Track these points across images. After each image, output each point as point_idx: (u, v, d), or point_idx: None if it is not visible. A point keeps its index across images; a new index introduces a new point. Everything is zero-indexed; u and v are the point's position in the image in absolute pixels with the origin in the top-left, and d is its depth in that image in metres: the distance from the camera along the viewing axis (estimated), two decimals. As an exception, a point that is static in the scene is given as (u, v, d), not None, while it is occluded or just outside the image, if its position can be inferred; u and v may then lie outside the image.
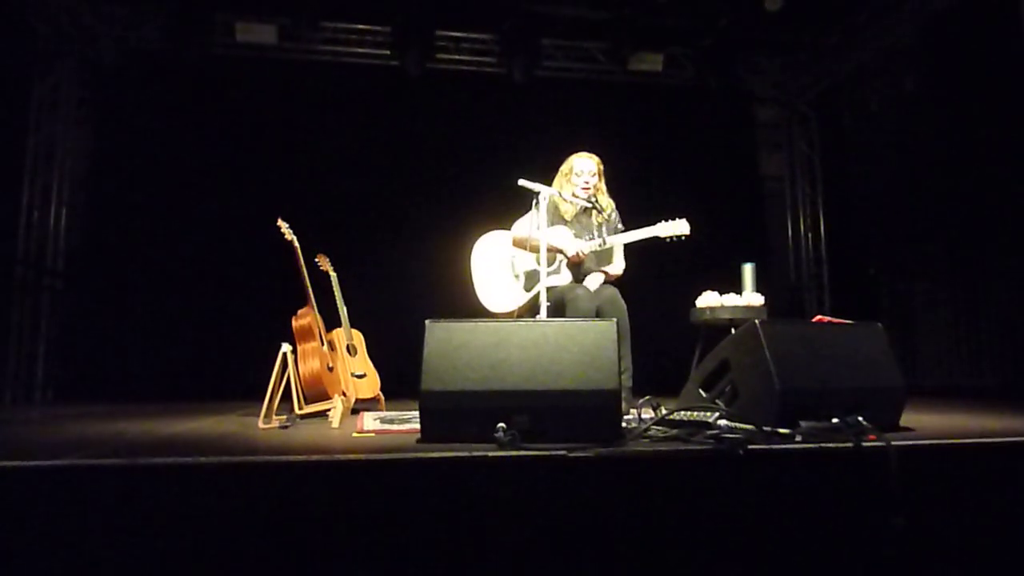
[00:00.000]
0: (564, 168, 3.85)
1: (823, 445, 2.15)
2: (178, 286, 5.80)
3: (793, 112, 7.55)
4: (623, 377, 3.05)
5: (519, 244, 3.80)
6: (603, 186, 3.85)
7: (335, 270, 4.28)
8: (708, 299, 4.42)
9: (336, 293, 4.21)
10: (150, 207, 5.92)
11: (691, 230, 3.60)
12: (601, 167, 3.84)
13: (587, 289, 3.59)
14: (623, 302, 3.62)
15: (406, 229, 6.14)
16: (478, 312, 3.83)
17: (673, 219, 3.60)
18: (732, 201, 6.71)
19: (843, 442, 2.14)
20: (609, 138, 4.37)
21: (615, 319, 2.46)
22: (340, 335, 4.22)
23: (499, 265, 3.92)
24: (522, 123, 6.21)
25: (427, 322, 2.40)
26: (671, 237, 3.60)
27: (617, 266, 3.81)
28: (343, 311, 4.22)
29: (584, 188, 3.75)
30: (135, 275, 5.85)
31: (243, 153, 6.06)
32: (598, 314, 3.55)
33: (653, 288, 5.58)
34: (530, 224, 3.41)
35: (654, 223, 3.64)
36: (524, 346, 2.36)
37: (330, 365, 3.78)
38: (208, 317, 5.81)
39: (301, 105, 6.17)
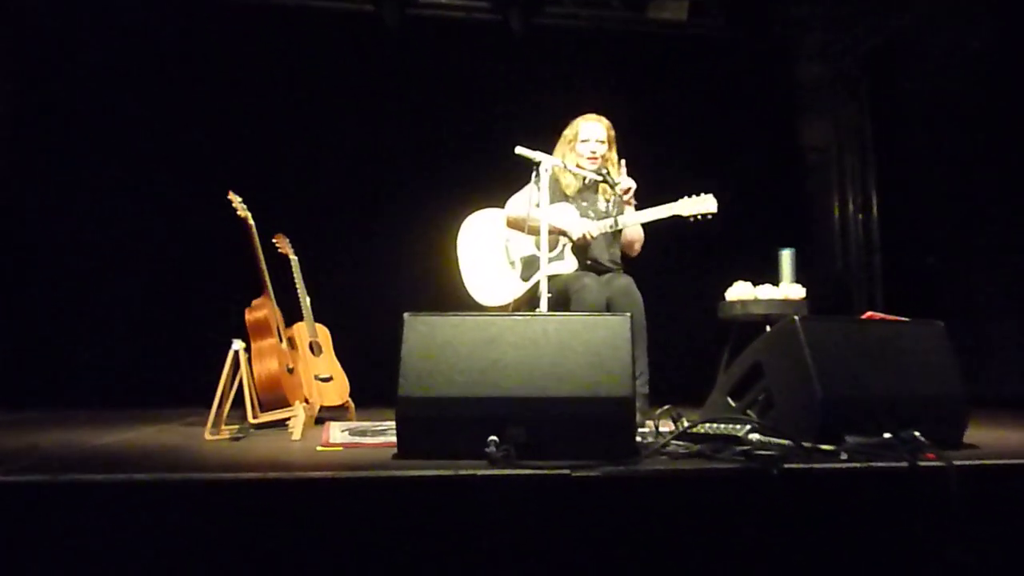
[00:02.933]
0: (568, 133, 3.86)
1: (872, 464, 2.17)
2: (110, 273, 5.74)
3: (840, 72, 7.54)
4: (638, 383, 3.06)
5: (515, 225, 3.82)
6: (614, 156, 3.86)
7: (296, 253, 4.31)
8: (739, 291, 4.45)
9: (297, 281, 4.24)
10: (71, 178, 5.83)
11: (719, 208, 3.60)
12: (612, 133, 3.85)
13: (595, 278, 3.63)
14: (638, 293, 3.63)
15: (381, 206, 6.11)
16: (466, 305, 3.85)
17: (697, 195, 3.61)
18: (768, 175, 6.70)
19: (896, 461, 2.16)
20: (622, 99, 4.38)
21: (629, 313, 2.48)
22: (302, 330, 4.26)
23: (491, 250, 3.96)
24: (519, 81, 6.18)
25: (405, 315, 2.43)
26: (695, 216, 3.60)
27: (635, 230, 3.86)
28: (305, 302, 4.26)
29: (592, 158, 3.76)
30: (57, 261, 5.78)
31: (188, 115, 5.96)
32: (609, 307, 3.57)
33: (674, 277, 5.63)
34: (528, 200, 3.42)
35: (675, 200, 3.65)
36: (521, 344, 2.40)
37: (290, 366, 3.81)
38: (145, 309, 5.79)
39: (258, 58, 6.06)
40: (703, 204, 3.62)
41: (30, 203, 5.75)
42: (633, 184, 3.70)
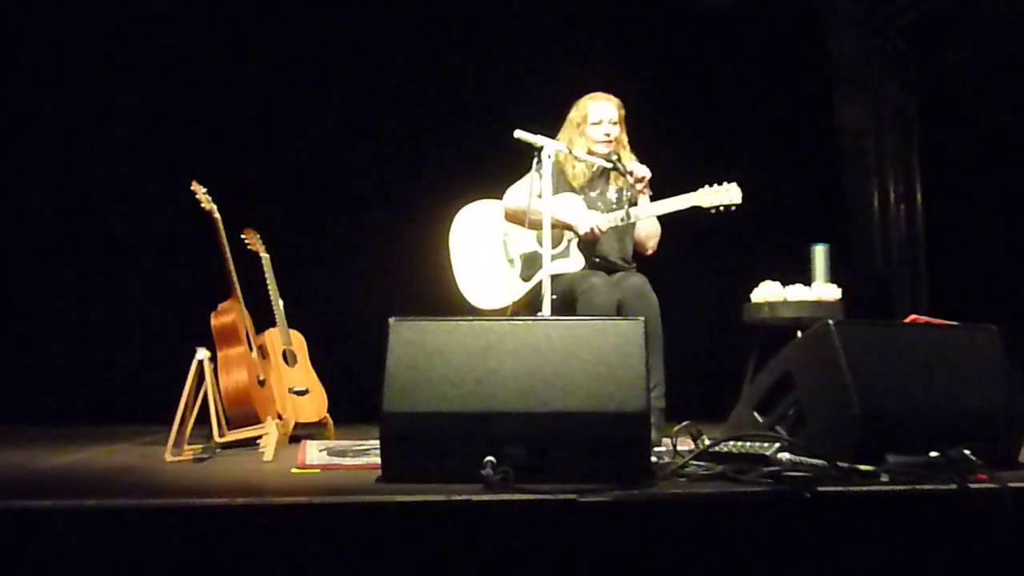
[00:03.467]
0: (574, 115, 3.87)
1: (917, 487, 2.16)
2: (61, 275, 5.71)
3: (880, 45, 7.50)
4: (653, 395, 3.07)
5: (514, 218, 3.84)
6: (625, 138, 3.89)
7: (268, 250, 4.31)
8: (766, 291, 4.46)
9: (269, 281, 4.25)
10: (10, 171, 5.77)
11: (743, 198, 3.61)
12: (623, 112, 3.87)
13: (605, 278, 3.64)
14: (654, 295, 3.65)
15: (364, 196, 6.02)
16: (459, 308, 3.85)
17: (719, 184, 3.61)
18: (798, 162, 6.64)
19: (943, 483, 2.15)
20: (634, 76, 4.42)
21: (643, 317, 2.48)
22: (274, 337, 4.27)
23: (488, 246, 3.99)
24: (519, 56, 6.14)
25: (391, 320, 2.42)
26: (717, 208, 3.60)
27: (650, 224, 3.87)
28: (278, 306, 4.26)
29: (605, 140, 3.79)
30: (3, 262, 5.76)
31: (144, 95, 5.90)
32: (620, 311, 3.59)
33: (693, 277, 5.60)
34: (529, 190, 3.42)
35: (694, 189, 3.65)
36: (521, 353, 2.40)
37: (261, 378, 3.82)
38: (98, 314, 5.74)
39: (219, 29, 5.97)
40: (726, 194, 3.60)
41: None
42: (647, 172, 3.71)
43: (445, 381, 2.37)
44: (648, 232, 3.95)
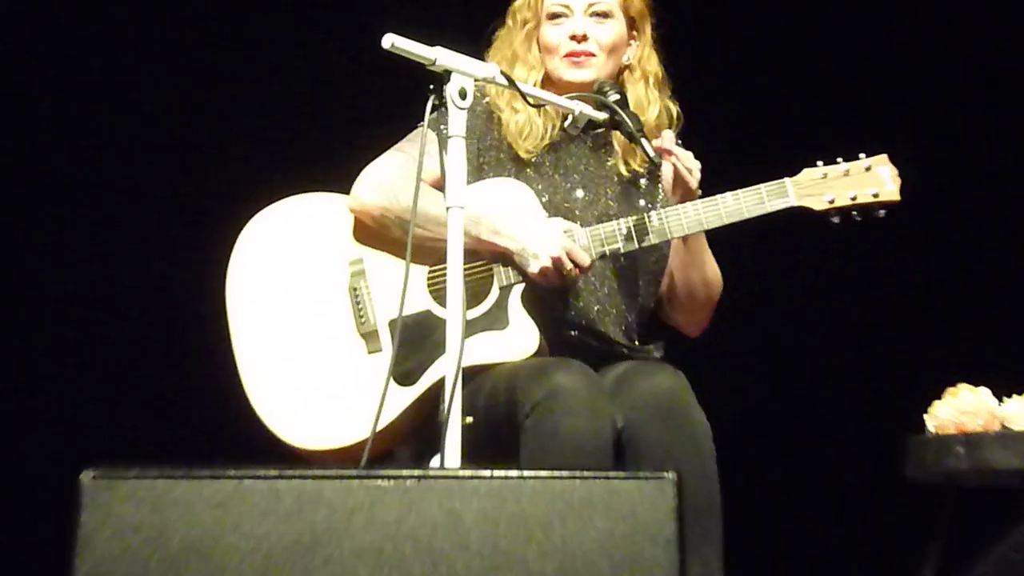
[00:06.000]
0: (520, 4, 2.74)
1: None
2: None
3: None
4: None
5: (378, 221, 2.68)
6: (649, 57, 2.70)
7: None
8: (959, 409, 2.90)
9: None
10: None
11: (906, 189, 2.53)
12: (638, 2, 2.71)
13: (587, 374, 2.46)
14: (700, 412, 2.45)
15: (51, 199, 4.20)
16: (255, 443, 2.58)
17: (849, 159, 2.52)
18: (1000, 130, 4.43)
19: None
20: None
21: (673, 472, 1.68)
22: None
23: (313, 295, 2.72)
24: None
25: (83, 476, 1.73)
26: (851, 208, 2.50)
27: (698, 259, 2.77)
28: None
29: (575, 61, 2.65)
30: None
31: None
32: (625, 449, 2.41)
33: (791, 371, 3.96)
34: (416, 167, 2.16)
35: (793, 173, 2.53)
36: (397, 549, 1.65)
37: None
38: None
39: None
40: (864, 182, 2.49)
41: None
42: (694, 163, 2.57)
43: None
44: (694, 276, 2.73)
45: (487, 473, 1.69)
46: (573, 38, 2.56)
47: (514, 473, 1.72)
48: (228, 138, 3.83)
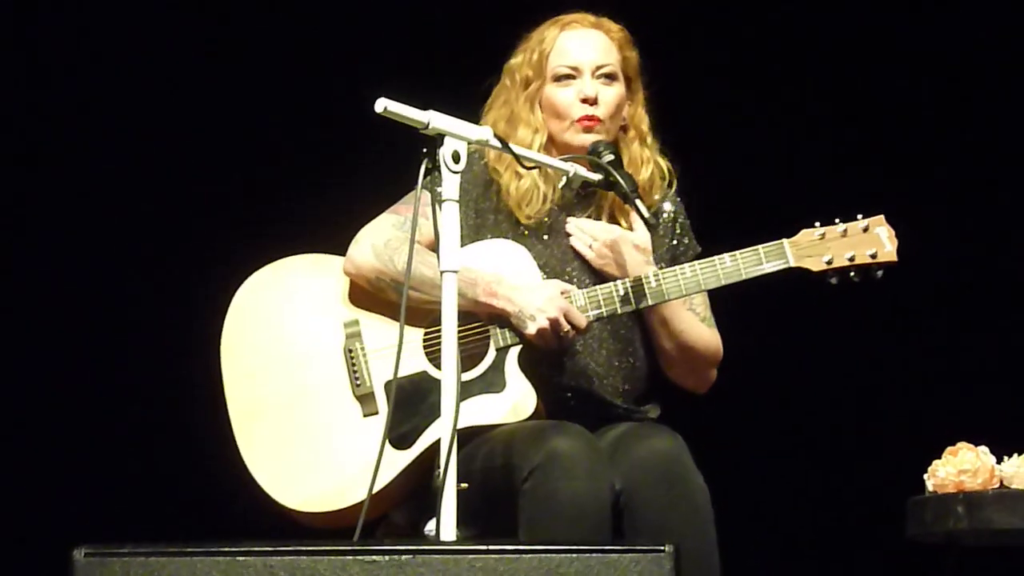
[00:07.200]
0: (520, 63, 2.71)
1: None
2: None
3: None
4: None
5: (373, 284, 2.68)
6: (642, 118, 2.71)
7: None
8: (958, 467, 2.90)
9: None
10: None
11: (902, 250, 2.58)
12: (633, 56, 2.69)
13: (585, 437, 2.45)
14: (699, 477, 2.46)
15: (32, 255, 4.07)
16: (255, 502, 2.60)
17: (847, 221, 2.57)
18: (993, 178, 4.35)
19: None
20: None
21: (671, 544, 1.62)
22: None
23: (306, 358, 2.75)
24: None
25: (75, 554, 1.67)
26: (849, 269, 2.55)
27: (694, 323, 2.79)
28: None
29: (585, 125, 2.60)
30: None
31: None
32: (623, 515, 2.40)
33: (786, 423, 3.96)
34: (411, 231, 2.24)
35: (791, 234, 2.58)
36: None
37: None
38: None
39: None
40: (862, 243, 2.54)
41: None
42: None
43: None
44: (696, 340, 2.72)
45: (483, 547, 1.69)
46: (585, 101, 2.57)
47: (510, 547, 1.73)
48: (220, 199, 3.85)
